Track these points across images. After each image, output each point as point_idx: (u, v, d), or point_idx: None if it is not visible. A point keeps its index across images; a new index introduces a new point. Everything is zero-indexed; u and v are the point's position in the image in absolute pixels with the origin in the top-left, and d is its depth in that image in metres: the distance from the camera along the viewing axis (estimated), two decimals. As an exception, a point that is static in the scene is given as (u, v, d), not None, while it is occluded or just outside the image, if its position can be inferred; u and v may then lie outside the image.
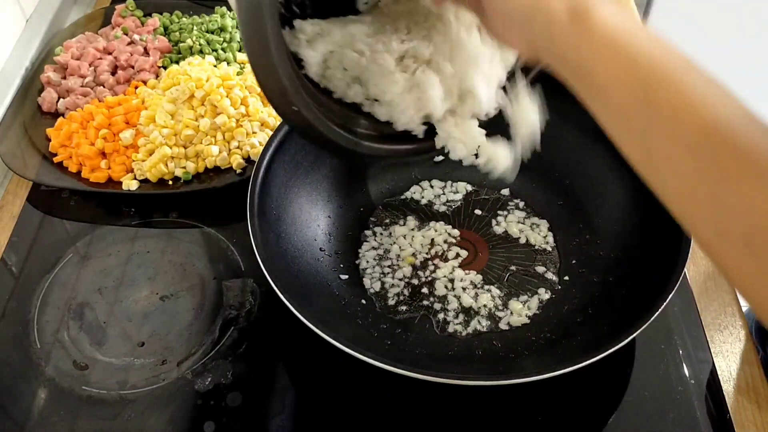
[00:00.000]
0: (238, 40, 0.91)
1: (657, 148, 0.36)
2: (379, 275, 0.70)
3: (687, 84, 0.35)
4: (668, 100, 0.35)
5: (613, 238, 0.69)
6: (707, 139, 0.33)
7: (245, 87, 0.81)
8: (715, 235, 0.34)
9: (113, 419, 0.61)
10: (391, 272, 0.70)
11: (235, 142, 0.79)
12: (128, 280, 0.71)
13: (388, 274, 0.70)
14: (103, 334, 0.67)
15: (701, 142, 0.33)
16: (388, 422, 0.61)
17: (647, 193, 0.66)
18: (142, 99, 0.84)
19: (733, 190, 0.32)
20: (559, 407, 0.61)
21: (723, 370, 0.63)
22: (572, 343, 0.61)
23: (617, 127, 0.39)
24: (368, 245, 0.73)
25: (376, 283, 0.69)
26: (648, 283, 0.59)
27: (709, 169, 0.33)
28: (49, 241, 0.75)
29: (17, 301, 0.70)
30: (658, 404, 0.61)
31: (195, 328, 0.67)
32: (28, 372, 0.64)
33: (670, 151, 0.35)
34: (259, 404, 0.62)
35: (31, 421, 0.61)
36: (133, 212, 0.78)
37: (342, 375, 0.62)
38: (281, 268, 0.61)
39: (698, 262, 0.72)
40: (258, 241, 0.61)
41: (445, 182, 0.79)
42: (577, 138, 0.73)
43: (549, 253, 0.72)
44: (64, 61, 0.89)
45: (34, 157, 0.80)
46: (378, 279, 0.70)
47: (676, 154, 0.35)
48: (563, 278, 0.69)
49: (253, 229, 0.62)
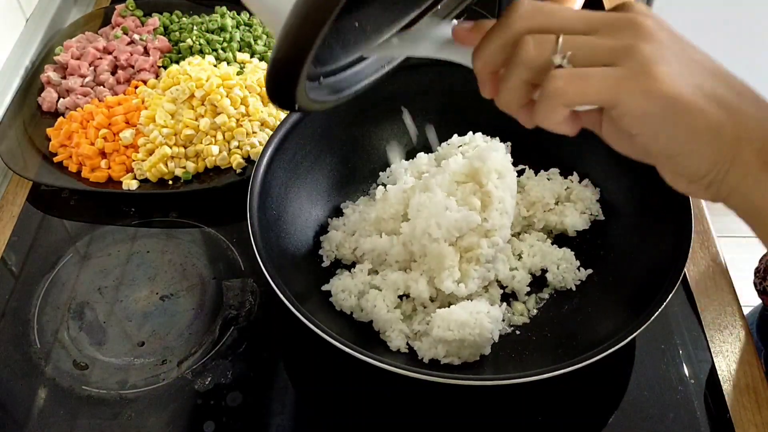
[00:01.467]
0: (238, 39, 0.91)
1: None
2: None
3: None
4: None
5: (613, 238, 0.69)
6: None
7: (245, 87, 0.81)
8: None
9: (113, 419, 0.61)
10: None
11: (235, 141, 0.79)
12: (128, 279, 0.71)
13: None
14: (103, 333, 0.67)
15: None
16: (388, 422, 0.61)
17: (647, 193, 0.67)
18: (142, 99, 0.84)
19: None
20: (559, 407, 0.61)
21: (723, 370, 0.63)
22: (572, 343, 0.61)
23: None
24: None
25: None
26: (648, 283, 0.59)
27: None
28: (49, 241, 0.75)
29: (17, 300, 0.70)
30: (658, 404, 0.61)
31: (195, 327, 0.67)
32: (28, 372, 0.64)
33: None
34: (259, 404, 0.62)
35: (31, 420, 0.61)
36: (133, 212, 0.78)
37: (342, 375, 0.62)
38: (281, 268, 0.61)
39: (698, 262, 0.72)
40: (258, 240, 0.61)
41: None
42: (576, 139, 0.73)
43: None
44: (64, 61, 0.89)
45: (34, 156, 0.80)
46: (378, 279, 0.70)
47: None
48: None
49: (253, 229, 0.62)
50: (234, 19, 0.94)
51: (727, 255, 0.73)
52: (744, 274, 0.80)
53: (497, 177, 0.65)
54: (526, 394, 0.61)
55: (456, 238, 0.62)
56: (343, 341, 0.54)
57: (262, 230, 0.62)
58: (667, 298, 0.55)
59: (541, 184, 0.71)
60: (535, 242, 0.69)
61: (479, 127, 0.75)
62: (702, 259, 0.72)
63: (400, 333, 0.62)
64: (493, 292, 0.66)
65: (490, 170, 0.65)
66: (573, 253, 0.68)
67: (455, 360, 0.60)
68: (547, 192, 0.70)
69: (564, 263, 0.67)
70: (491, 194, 0.64)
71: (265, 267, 0.59)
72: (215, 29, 0.92)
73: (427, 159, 0.74)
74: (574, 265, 0.68)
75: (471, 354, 0.60)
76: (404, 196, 0.66)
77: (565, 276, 0.67)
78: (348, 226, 0.70)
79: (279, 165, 0.69)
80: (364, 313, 0.64)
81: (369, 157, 0.77)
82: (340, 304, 0.64)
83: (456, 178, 0.66)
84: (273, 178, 0.68)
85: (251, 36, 0.92)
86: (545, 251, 0.68)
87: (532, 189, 0.71)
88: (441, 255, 0.61)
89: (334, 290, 0.65)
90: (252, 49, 0.91)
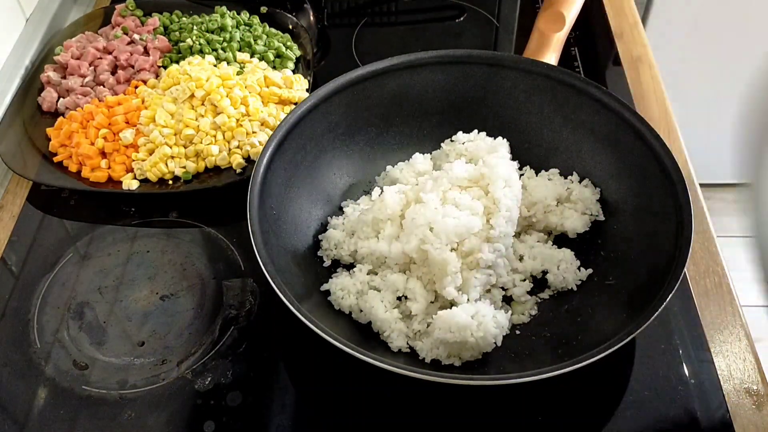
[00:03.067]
0: (238, 39, 0.91)
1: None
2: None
3: None
4: None
5: (613, 238, 0.69)
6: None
7: (245, 87, 0.81)
8: None
9: (113, 419, 0.61)
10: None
11: (235, 141, 0.79)
12: (128, 279, 0.71)
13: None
14: (103, 333, 0.67)
15: None
16: (388, 422, 0.61)
17: (646, 193, 0.67)
18: (142, 98, 0.84)
19: None
20: (559, 407, 0.61)
21: (723, 370, 0.63)
22: (572, 343, 0.61)
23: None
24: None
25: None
26: (648, 283, 0.59)
27: None
28: (49, 241, 0.75)
29: (17, 300, 0.70)
30: (658, 404, 0.61)
31: (195, 327, 0.67)
32: (28, 372, 0.64)
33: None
34: (259, 404, 0.62)
35: (31, 420, 0.61)
36: (133, 212, 0.78)
37: (342, 375, 0.62)
38: (281, 269, 0.61)
39: (698, 262, 0.72)
40: (258, 241, 0.61)
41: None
42: (577, 139, 0.73)
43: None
44: (64, 61, 0.89)
45: (34, 156, 0.80)
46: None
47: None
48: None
49: (253, 228, 0.62)
50: (234, 19, 0.94)
51: (727, 255, 0.73)
52: (744, 274, 0.80)
53: (504, 185, 0.65)
54: (526, 394, 0.61)
55: (457, 243, 0.62)
56: (343, 341, 0.54)
57: (262, 230, 0.62)
58: (667, 298, 0.55)
59: (542, 185, 0.71)
60: (535, 243, 0.69)
61: (479, 126, 0.75)
62: (702, 259, 0.72)
63: (400, 333, 0.62)
64: (495, 293, 0.66)
65: (497, 177, 0.65)
66: (573, 253, 0.68)
67: (456, 361, 0.60)
68: (549, 192, 0.70)
69: (564, 264, 0.67)
70: (499, 202, 0.64)
71: (265, 267, 0.59)
72: (215, 29, 0.92)
73: (422, 158, 0.74)
74: (574, 265, 0.67)
75: (472, 355, 0.60)
76: (401, 198, 0.66)
77: (565, 276, 0.67)
78: (347, 226, 0.70)
79: (279, 165, 0.69)
80: (363, 314, 0.64)
81: (370, 156, 0.77)
82: (339, 303, 0.64)
83: (459, 183, 0.66)
84: (273, 177, 0.68)
85: (251, 36, 0.92)
86: (545, 254, 0.68)
87: (533, 189, 0.71)
88: (444, 261, 0.61)
89: (332, 289, 0.65)
90: (252, 48, 0.91)
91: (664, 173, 0.64)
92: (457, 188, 0.65)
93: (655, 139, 0.66)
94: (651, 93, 0.91)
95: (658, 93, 0.91)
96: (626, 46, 0.98)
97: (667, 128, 0.85)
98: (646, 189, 0.67)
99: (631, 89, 0.91)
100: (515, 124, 0.76)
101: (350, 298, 0.64)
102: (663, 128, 0.85)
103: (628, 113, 0.68)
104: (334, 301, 0.65)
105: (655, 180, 0.65)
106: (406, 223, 0.64)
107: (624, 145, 0.69)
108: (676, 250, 0.59)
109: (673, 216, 0.62)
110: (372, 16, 1.03)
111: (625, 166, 0.70)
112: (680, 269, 0.57)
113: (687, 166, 0.79)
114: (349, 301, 0.64)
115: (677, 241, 0.60)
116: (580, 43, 0.98)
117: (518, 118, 0.75)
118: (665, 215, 0.63)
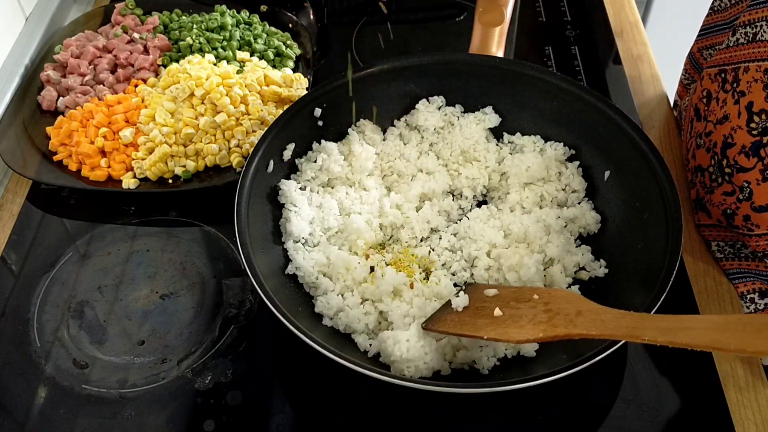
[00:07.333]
0: (238, 38, 0.91)
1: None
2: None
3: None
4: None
5: (613, 238, 0.69)
6: None
7: (245, 85, 0.81)
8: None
9: (113, 418, 0.61)
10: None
11: (235, 140, 0.79)
12: (128, 278, 0.71)
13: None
14: (103, 332, 0.67)
15: None
16: (388, 422, 0.61)
17: (646, 193, 0.66)
18: (141, 97, 0.84)
19: None
20: (559, 407, 0.61)
21: (723, 370, 0.63)
22: (572, 343, 0.61)
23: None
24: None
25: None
26: (648, 283, 0.59)
27: None
28: (48, 240, 0.75)
29: (17, 299, 0.70)
30: (658, 404, 0.61)
31: (195, 326, 0.67)
32: (28, 371, 0.64)
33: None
34: (259, 403, 0.62)
35: (31, 419, 0.61)
36: (133, 211, 0.78)
37: (342, 375, 0.62)
38: (270, 276, 0.62)
39: (698, 262, 0.72)
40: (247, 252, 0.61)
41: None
42: (576, 141, 0.73)
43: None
44: (63, 60, 0.89)
45: (34, 155, 0.80)
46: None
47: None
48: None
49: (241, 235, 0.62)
50: (234, 18, 0.94)
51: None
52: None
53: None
54: (526, 394, 0.60)
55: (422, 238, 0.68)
56: (341, 355, 0.55)
57: (252, 240, 0.63)
58: (661, 297, 0.56)
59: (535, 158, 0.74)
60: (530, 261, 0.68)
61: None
62: (702, 258, 0.72)
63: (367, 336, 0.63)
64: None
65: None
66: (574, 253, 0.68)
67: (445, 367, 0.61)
68: (551, 163, 0.73)
69: (563, 264, 0.67)
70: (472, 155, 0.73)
71: (255, 281, 0.59)
72: (215, 28, 0.92)
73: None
74: (574, 265, 0.68)
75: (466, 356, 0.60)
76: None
77: (565, 278, 0.67)
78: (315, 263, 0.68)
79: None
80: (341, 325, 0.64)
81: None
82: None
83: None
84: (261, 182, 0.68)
85: (251, 34, 0.92)
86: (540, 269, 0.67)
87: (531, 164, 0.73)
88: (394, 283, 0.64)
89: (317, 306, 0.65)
90: (252, 47, 0.91)
91: (643, 157, 0.66)
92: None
93: (620, 117, 0.68)
94: (651, 92, 0.91)
95: (658, 92, 0.91)
96: (626, 45, 0.98)
97: (667, 127, 0.85)
98: (645, 190, 0.67)
99: (631, 88, 0.91)
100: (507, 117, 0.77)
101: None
102: (663, 127, 0.85)
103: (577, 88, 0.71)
104: (320, 313, 0.65)
105: (649, 180, 0.66)
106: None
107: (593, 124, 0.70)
108: (676, 250, 0.59)
109: (665, 215, 0.62)
110: (372, 14, 1.03)
111: (623, 167, 0.70)
112: (672, 269, 0.58)
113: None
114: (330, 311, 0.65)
115: (677, 241, 0.60)
116: (581, 42, 0.98)
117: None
118: (665, 215, 0.63)
